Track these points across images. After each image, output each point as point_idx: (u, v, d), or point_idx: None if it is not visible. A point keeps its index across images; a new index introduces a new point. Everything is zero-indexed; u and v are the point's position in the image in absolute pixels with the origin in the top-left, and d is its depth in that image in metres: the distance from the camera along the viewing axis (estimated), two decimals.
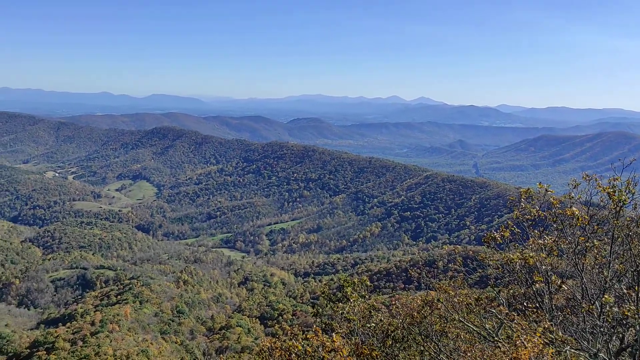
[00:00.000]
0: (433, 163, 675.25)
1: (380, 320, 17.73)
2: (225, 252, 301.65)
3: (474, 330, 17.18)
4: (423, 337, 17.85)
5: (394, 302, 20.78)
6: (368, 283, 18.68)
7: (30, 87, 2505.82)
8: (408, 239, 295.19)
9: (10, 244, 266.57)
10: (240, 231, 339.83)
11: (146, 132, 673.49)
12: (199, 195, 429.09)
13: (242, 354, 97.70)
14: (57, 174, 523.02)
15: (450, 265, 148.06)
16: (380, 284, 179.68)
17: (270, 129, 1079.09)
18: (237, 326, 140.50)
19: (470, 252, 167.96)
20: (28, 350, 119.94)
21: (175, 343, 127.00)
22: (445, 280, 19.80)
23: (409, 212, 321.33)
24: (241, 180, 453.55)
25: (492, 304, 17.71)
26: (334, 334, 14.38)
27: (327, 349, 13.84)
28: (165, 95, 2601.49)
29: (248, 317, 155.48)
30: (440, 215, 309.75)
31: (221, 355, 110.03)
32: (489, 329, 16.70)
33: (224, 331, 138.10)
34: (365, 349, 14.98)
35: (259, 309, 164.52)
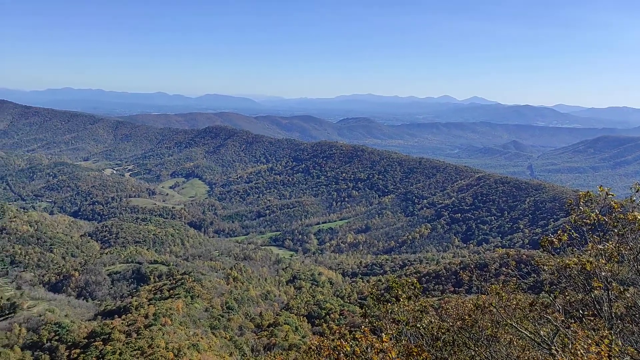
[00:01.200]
0: (485, 164, 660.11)
1: (430, 322, 17.51)
2: (274, 250, 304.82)
3: (528, 336, 16.71)
4: (474, 341, 17.51)
5: (443, 305, 20.49)
6: (418, 285, 18.46)
7: (91, 88, 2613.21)
8: (458, 241, 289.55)
9: (71, 237, 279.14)
10: (289, 230, 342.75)
11: (199, 132, 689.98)
12: (249, 194, 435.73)
13: (289, 352, 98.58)
14: (114, 171, 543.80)
15: (502, 269, 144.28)
16: (429, 286, 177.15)
17: (320, 128, 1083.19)
18: (284, 324, 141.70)
19: (524, 256, 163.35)
20: (86, 340, 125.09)
21: (225, 338, 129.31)
22: (497, 284, 19.35)
23: (459, 214, 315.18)
24: (290, 179, 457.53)
25: (548, 310, 17.17)
26: (383, 334, 14.32)
27: (375, 349, 13.79)
28: (218, 95, 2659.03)
29: (296, 315, 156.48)
30: (493, 217, 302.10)
31: (269, 352, 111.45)
32: (544, 335, 16.19)
33: (272, 328, 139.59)
34: (414, 351, 14.83)
35: (306, 308, 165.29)
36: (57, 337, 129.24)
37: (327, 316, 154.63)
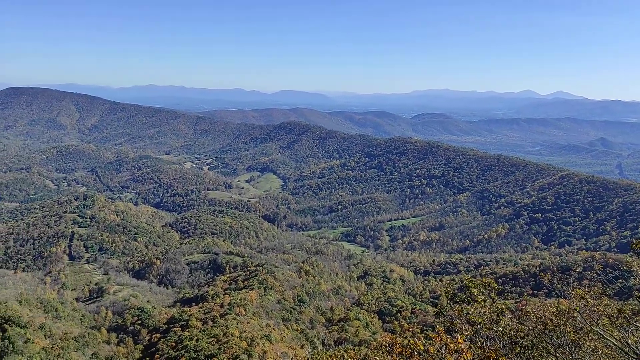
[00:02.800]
0: (569, 162, 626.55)
1: (508, 324, 16.83)
2: (346, 245, 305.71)
3: (615, 344, 15.70)
4: (555, 347, 16.67)
5: (521, 308, 19.66)
6: (496, 286, 17.79)
7: (173, 84, 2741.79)
8: (538, 242, 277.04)
9: (154, 227, 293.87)
10: (361, 226, 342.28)
11: (274, 127, 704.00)
12: (322, 189, 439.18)
13: (360, 348, 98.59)
14: (194, 165, 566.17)
15: (586, 273, 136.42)
16: (506, 288, 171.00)
17: (394, 124, 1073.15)
18: (355, 319, 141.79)
19: (611, 260, 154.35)
20: (165, 326, 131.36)
21: (296, 330, 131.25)
22: (581, 288, 18.30)
23: (540, 214, 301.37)
24: (363, 175, 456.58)
25: (637, 318, 16.07)
26: (457, 335, 13.93)
27: (450, 350, 13.45)
28: (293, 91, 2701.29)
29: (366, 311, 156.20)
30: (576, 218, 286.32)
31: (339, 347, 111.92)
32: (633, 344, 15.15)
33: (342, 323, 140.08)
34: (491, 354, 14.32)
35: (377, 304, 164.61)
36: (139, 322, 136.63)
37: (398, 314, 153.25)
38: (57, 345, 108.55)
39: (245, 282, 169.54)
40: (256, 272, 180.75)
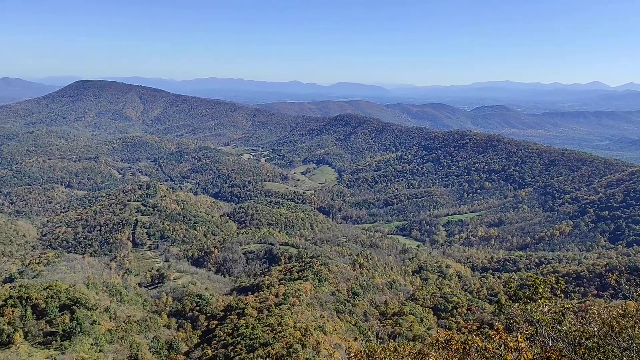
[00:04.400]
0: None
1: (572, 325, 16.09)
2: (401, 239, 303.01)
3: None
4: (622, 350, 15.81)
5: (585, 309, 18.80)
6: (564, 284, 17.01)
7: (233, 77, 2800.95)
8: (605, 241, 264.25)
9: (212, 217, 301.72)
10: (417, 220, 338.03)
11: (330, 119, 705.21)
12: (377, 182, 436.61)
13: (414, 343, 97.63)
14: (251, 156, 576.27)
15: None
16: (569, 287, 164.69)
17: (452, 117, 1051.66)
18: (409, 314, 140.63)
19: None
20: (222, 313, 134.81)
21: (350, 323, 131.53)
22: None
23: (607, 212, 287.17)
24: (419, 168, 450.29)
25: None
26: (518, 334, 13.45)
27: (509, 348, 13.00)
28: (350, 84, 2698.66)
29: (421, 306, 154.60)
30: None
31: (392, 341, 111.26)
32: None
33: (396, 317, 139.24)
34: (552, 354, 13.74)
35: (432, 300, 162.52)
36: (198, 308, 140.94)
37: (454, 310, 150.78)
38: (121, 328, 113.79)
39: (300, 273, 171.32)
40: (311, 263, 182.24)
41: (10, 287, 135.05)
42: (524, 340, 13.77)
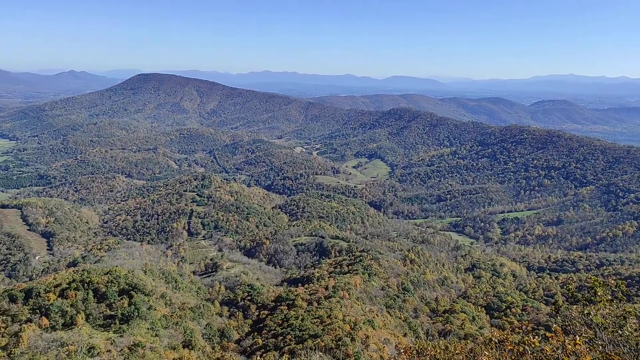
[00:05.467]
0: None
1: (635, 330, 15.27)
2: (453, 236, 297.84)
3: None
4: None
5: None
6: (624, 287, 16.17)
7: (287, 71, 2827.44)
8: None
9: (264, 208, 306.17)
10: (470, 216, 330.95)
11: (383, 113, 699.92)
12: (430, 177, 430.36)
13: (465, 341, 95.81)
14: (304, 150, 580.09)
15: None
16: (631, 290, 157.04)
17: (511, 111, 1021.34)
18: (461, 312, 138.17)
19: None
20: (273, 303, 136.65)
21: (399, 318, 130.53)
22: None
23: None
24: (474, 164, 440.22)
25: None
26: (576, 337, 12.88)
27: (567, 351, 12.49)
28: (404, 77, 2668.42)
29: (473, 304, 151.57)
30: None
31: (442, 339, 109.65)
32: None
33: (447, 315, 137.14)
34: (614, 358, 13.09)
35: (485, 298, 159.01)
36: (249, 297, 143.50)
37: (508, 310, 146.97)
38: (176, 314, 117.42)
39: (350, 267, 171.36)
40: (361, 257, 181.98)
41: (73, 271, 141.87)
42: (583, 344, 13.17)
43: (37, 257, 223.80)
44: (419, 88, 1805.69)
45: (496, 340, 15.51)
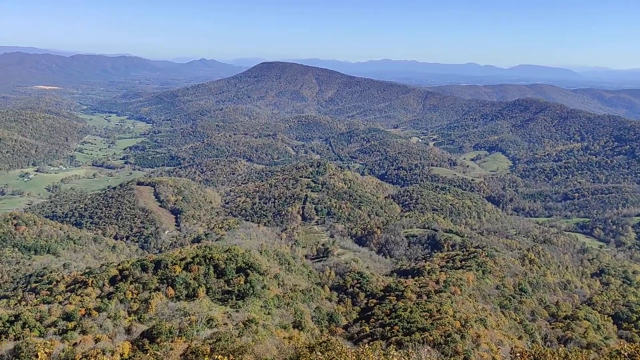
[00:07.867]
0: None
1: None
2: (580, 237, 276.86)
3: None
4: None
5: None
6: None
7: (406, 59, 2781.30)
8: None
9: (377, 198, 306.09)
10: (601, 218, 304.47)
11: (507, 104, 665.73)
12: (557, 173, 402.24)
13: (588, 351, 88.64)
14: (420, 140, 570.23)
15: None
16: None
17: None
18: (584, 319, 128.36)
19: None
20: (382, 293, 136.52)
21: (514, 320, 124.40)
22: None
23: None
24: (609, 161, 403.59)
25: None
26: None
27: None
28: (532, 66, 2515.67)
29: (599, 312, 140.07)
30: None
31: (562, 346, 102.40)
32: None
33: (568, 321, 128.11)
34: None
35: (613, 307, 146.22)
36: (358, 285, 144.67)
37: (639, 321, 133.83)
38: (288, 295, 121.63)
39: (463, 263, 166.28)
40: (475, 253, 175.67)
41: (197, 246, 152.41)
42: None
43: (166, 232, 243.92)
44: (549, 78, 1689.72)
45: (626, 354, 13.81)
